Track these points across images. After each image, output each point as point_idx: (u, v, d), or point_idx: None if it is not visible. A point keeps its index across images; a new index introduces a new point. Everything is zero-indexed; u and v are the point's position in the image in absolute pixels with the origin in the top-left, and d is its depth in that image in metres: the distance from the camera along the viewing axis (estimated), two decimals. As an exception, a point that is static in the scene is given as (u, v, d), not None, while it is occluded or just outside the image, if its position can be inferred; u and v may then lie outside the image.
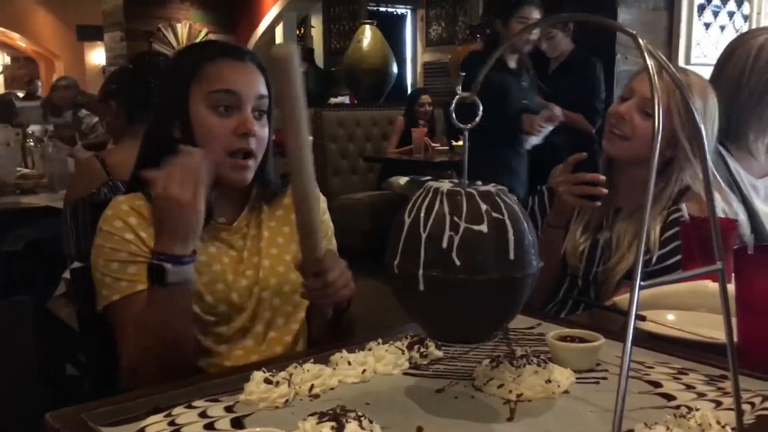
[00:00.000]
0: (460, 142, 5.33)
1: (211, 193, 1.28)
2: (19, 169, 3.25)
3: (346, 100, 8.28)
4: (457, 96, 0.87)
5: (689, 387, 0.97)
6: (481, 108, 0.86)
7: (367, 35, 7.35)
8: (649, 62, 0.66)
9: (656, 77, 0.66)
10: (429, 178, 5.53)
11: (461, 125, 0.85)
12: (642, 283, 0.62)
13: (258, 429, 0.77)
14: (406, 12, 9.54)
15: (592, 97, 3.62)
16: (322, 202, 1.44)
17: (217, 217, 1.32)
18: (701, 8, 3.89)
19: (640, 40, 0.67)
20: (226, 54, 1.30)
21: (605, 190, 1.49)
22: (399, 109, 5.82)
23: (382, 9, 9.34)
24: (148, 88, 2.46)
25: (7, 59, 15.03)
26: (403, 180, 5.43)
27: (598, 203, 1.52)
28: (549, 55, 3.75)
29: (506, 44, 0.88)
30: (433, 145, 5.41)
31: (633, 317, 0.61)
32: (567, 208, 1.57)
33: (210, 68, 1.27)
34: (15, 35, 14.37)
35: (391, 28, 8.61)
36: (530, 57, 3.76)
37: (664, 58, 0.71)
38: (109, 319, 1.26)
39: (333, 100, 8.26)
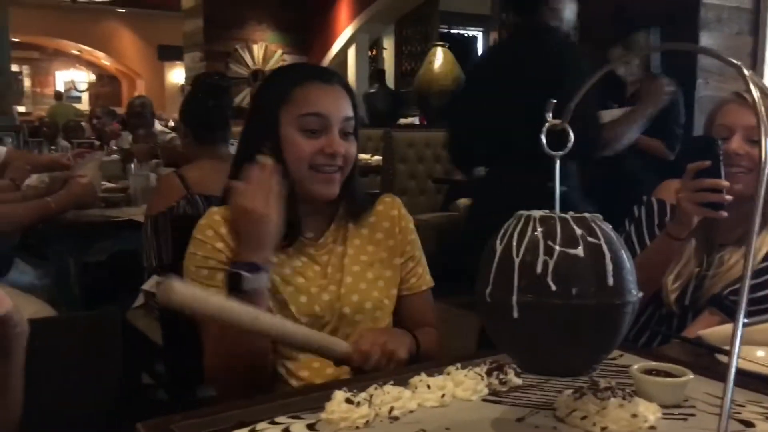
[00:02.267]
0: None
1: (300, 209, 1.32)
2: (103, 183, 3.38)
3: (416, 121, 8.32)
4: (547, 123, 0.86)
5: (784, 428, 0.93)
6: (572, 135, 0.85)
7: (439, 57, 7.39)
8: (755, 92, 0.64)
9: (762, 108, 0.64)
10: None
11: (552, 153, 0.85)
12: (746, 320, 0.60)
13: (344, 449, 0.78)
14: (478, 34, 9.55)
15: (671, 121, 3.52)
16: (410, 222, 1.46)
17: (305, 232, 1.36)
18: (788, 33, 3.75)
19: (745, 71, 0.65)
20: (315, 77, 1.34)
21: (729, 197, 1.41)
22: (469, 131, 5.80)
23: (453, 31, 9.38)
24: (207, 109, 2.55)
25: (92, 77, 15.75)
26: (470, 201, 5.40)
27: (725, 213, 1.42)
28: (625, 79, 3.68)
29: (599, 74, 0.87)
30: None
31: (736, 356, 0.59)
32: (688, 218, 1.48)
33: (299, 91, 1.32)
34: (100, 54, 15.09)
35: (462, 50, 8.62)
36: (607, 80, 3.70)
37: (766, 86, 0.69)
38: (198, 324, 1.30)
39: (403, 121, 8.31)
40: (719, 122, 1.56)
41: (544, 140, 0.85)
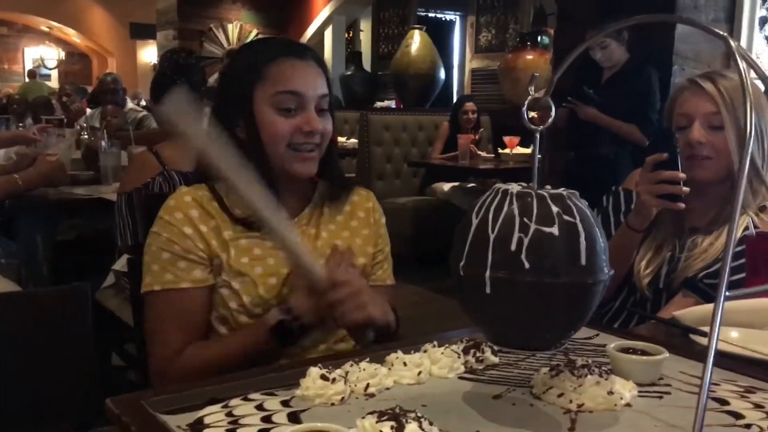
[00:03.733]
0: (507, 150, 5.30)
1: (276, 187, 1.29)
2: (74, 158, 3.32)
3: (392, 104, 8.29)
4: (530, 97, 0.85)
5: (758, 406, 0.93)
6: (554, 110, 0.84)
7: (416, 40, 7.35)
8: (741, 65, 0.64)
9: (748, 81, 0.64)
10: (473, 185, 5.50)
11: (533, 127, 0.83)
12: (728, 293, 0.59)
13: (319, 425, 0.77)
14: (456, 18, 9.52)
15: (646, 107, 3.54)
16: (382, 216, 1.44)
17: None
18: (763, 21, 3.78)
19: (732, 42, 0.64)
20: (289, 53, 1.30)
21: (686, 189, 1.43)
22: (445, 115, 5.80)
23: (431, 14, 9.34)
24: (175, 87, 2.50)
25: (62, 54, 15.42)
26: (447, 186, 5.40)
27: (682, 205, 1.45)
28: (603, 64, 3.69)
29: (578, 49, 0.86)
30: (479, 152, 5.37)
31: (717, 330, 0.59)
32: (647, 210, 1.51)
33: (273, 68, 1.28)
34: (70, 31, 14.77)
35: (439, 34, 8.60)
36: (583, 66, 3.71)
37: (753, 60, 0.68)
38: (145, 306, 1.28)
39: (379, 104, 8.28)
40: (678, 112, 1.57)
41: (525, 115, 0.84)
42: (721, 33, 0.65)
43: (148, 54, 14.02)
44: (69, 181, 3.03)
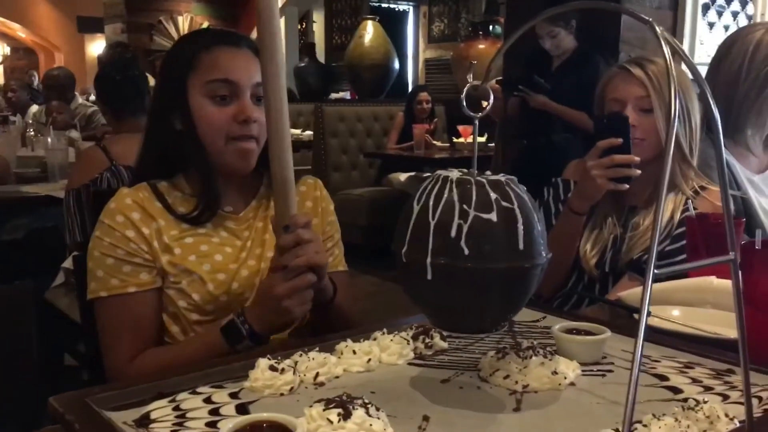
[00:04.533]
0: (461, 139, 5.34)
1: (219, 181, 1.27)
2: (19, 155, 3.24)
3: (347, 95, 8.27)
4: (468, 84, 0.86)
5: (696, 381, 0.96)
6: (492, 98, 0.85)
7: (369, 31, 7.35)
8: (666, 49, 0.65)
9: (672, 65, 0.65)
10: (429, 174, 5.53)
11: (472, 114, 0.84)
12: (656, 271, 0.61)
13: (265, 414, 0.77)
14: (408, 8, 9.52)
15: (594, 94, 3.60)
16: (330, 203, 1.44)
17: (225, 206, 1.32)
18: (705, 8, 3.88)
19: (657, 27, 0.66)
20: (221, 41, 1.28)
21: (638, 171, 1.50)
22: (400, 105, 5.81)
23: (384, 5, 9.32)
24: (116, 82, 2.50)
25: (7, 50, 15.00)
26: (403, 176, 5.42)
27: (627, 186, 1.51)
28: (552, 53, 3.74)
29: (512, 37, 0.87)
30: (434, 141, 5.40)
31: (648, 301, 0.60)
32: (596, 192, 1.55)
33: (206, 57, 1.26)
34: (15, 25, 14.34)
35: (393, 24, 8.59)
36: (533, 55, 3.75)
37: (678, 43, 0.70)
38: (95, 313, 1.26)
39: (334, 96, 8.25)
40: (610, 97, 1.63)
41: (464, 101, 0.85)
42: (646, 18, 0.67)
43: (97, 48, 13.69)
44: (14, 179, 2.96)
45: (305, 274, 1.14)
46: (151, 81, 2.94)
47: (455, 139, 5.39)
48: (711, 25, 3.94)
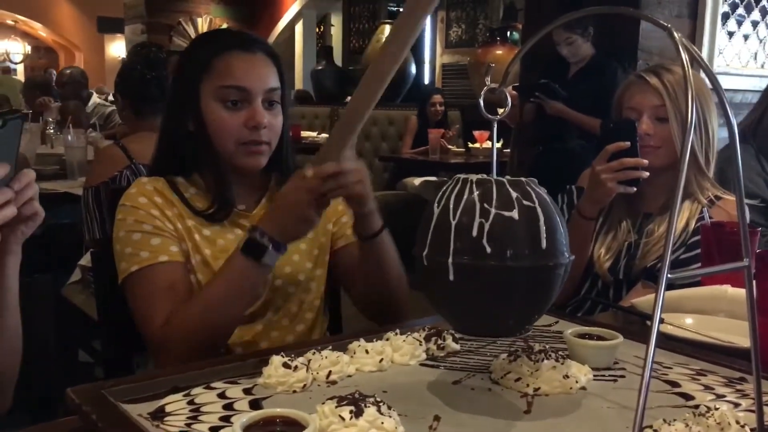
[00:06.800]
0: (477, 144, 5.34)
1: (231, 180, 1.29)
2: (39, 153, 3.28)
3: (363, 99, 8.26)
4: (486, 87, 0.87)
5: (708, 388, 0.96)
6: (510, 101, 0.86)
7: (387, 35, 7.36)
8: (684, 56, 0.66)
9: (690, 71, 0.66)
10: (444, 179, 5.54)
11: (490, 117, 0.85)
12: (669, 275, 0.61)
13: (278, 410, 0.78)
14: (426, 13, 9.53)
15: (611, 102, 3.59)
16: (340, 203, 1.43)
17: (238, 204, 1.33)
18: (725, 17, 3.86)
19: (675, 33, 0.67)
20: (236, 46, 1.29)
21: (646, 174, 1.51)
22: (415, 110, 5.82)
23: (402, 9, 9.34)
24: (145, 81, 2.51)
25: (28, 48, 15.14)
26: (417, 181, 5.43)
27: (634, 189, 1.52)
28: (569, 60, 3.73)
29: (530, 42, 0.87)
30: (449, 147, 5.40)
31: (660, 307, 0.61)
32: (605, 196, 1.56)
33: (219, 62, 1.27)
34: (37, 25, 14.50)
35: (410, 29, 8.59)
36: (550, 61, 3.75)
37: (697, 50, 0.71)
38: (127, 293, 1.25)
39: (350, 99, 8.26)
40: (627, 106, 1.65)
41: (482, 104, 0.86)
42: (665, 24, 0.67)
43: (117, 48, 13.82)
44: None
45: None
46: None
47: (471, 145, 5.39)
48: (731, 34, 3.91)
